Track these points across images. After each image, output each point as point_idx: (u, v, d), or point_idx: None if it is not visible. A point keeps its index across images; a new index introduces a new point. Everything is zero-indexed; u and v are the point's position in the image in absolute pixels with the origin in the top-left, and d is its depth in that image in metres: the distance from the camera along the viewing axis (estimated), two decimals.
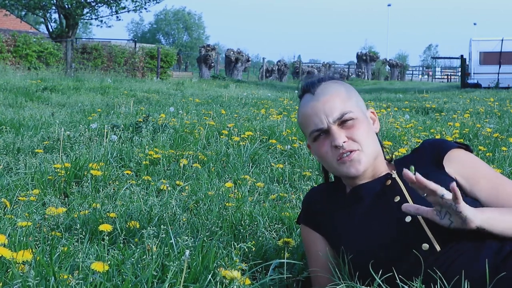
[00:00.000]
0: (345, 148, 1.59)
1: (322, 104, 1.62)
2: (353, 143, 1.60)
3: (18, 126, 5.29)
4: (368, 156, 1.61)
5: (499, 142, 4.77)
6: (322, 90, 1.65)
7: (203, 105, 9.04)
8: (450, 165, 1.60)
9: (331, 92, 1.64)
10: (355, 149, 1.60)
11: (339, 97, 1.63)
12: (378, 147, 1.66)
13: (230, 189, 2.90)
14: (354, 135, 1.60)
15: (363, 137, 1.61)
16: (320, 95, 1.64)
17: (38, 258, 1.56)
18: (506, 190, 1.56)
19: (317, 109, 1.62)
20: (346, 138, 1.60)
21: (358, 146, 1.60)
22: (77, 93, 10.83)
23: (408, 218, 1.51)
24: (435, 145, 1.66)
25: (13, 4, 21.80)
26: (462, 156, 1.63)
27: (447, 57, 53.06)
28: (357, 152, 1.60)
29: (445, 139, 1.71)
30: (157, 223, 2.25)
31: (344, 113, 1.60)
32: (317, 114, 1.62)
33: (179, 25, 72.77)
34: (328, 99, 1.62)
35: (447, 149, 1.63)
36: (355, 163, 1.60)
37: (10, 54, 17.77)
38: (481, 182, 1.58)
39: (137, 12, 23.76)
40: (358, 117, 1.62)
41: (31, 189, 2.85)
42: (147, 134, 4.65)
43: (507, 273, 1.35)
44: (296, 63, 38.29)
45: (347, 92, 1.66)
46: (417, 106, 9.68)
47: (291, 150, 4.28)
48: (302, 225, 1.79)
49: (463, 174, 1.59)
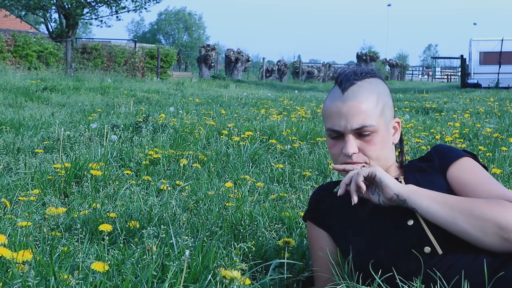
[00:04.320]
0: (353, 159, 1.60)
1: (347, 108, 1.58)
2: (363, 156, 1.60)
3: (18, 126, 5.29)
4: None
5: (499, 142, 4.77)
6: (353, 92, 1.60)
7: (203, 105, 9.04)
8: (452, 174, 1.61)
9: (360, 98, 1.59)
10: (362, 162, 1.60)
11: (366, 105, 1.58)
12: (389, 160, 1.66)
13: (230, 189, 2.90)
14: (366, 150, 1.60)
15: (375, 153, 1.60)
16: (348, 98, 1.59)
17: (38, 258, 1.56)
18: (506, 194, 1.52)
19: (341, 111, 1.59)
20: (357, 150, 1.59)
21: (366, 160, 1.60)
22: (77, 93, 10.83)
23: (410, 222, 1.51)
24: (441, 154, 1.66)
25: (13, 4, 21.80)
26: (465, 166, 1.62)
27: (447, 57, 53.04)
28: (362, 165, 1.61)
29: (451, 146, 1.70)
30: (157, 223, 2.25)
31: (364, 126, 1.58)
32: (338, 116, 1.59)
33: (179, 25, 72.79)
34: (354, 105, 1.58)
35: (453, 160, 1.63)
36: None
37: (10, 54, 17.77)
38: (477, 190, 1.56)
39: (137, 12, 23.76)
40: (377, 130, 1.60)
41: (31, 189, 2.85)
42: (147, 134, 4.65)
43: (506, 273, 1.35)
44: (296, 63, 38.27)
45: (378, 99, 1.61)
46: (417, 106, 9.68)
47: (291, 150, 4.28)
48: (308, 222, 1.80)
49: (463, 182, 1.59)
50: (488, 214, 1.40)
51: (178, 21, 73.08)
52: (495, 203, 1.43)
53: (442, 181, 1.59)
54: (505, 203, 1.43)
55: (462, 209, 1.43)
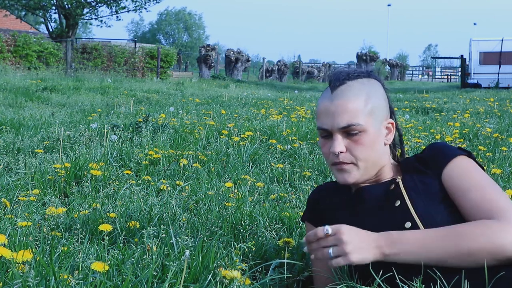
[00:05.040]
0: (340, 158, 1.59)
1: (334, 107, 1.59)
2: (350, 156, 1.59)
3: (18, 126, 5.29)
4: (361, 170, 1.60)
5: (499, 142, 4.77)
6: (341, 91, 1.60)
7: (203, 105, 9.04)
8: (445, 178, 1.57)
9: (348, 97, 1.58)
10: (349, 162, 1.59)
11: (353, 104, 1.58)
12: (381, 161, 1.63)
13: (230, 189, 2.90)
14: (353, 149, 1.59)
15: (363, 153, 1.58)
16: (337, 97, 1.59)
17: (38, 258, 1.56)
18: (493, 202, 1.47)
19: (328, 110, 1.60)
20: (345, 149, 1.58)
21: (352, 159, 1.59)
22: (77, 93, 10.83)
23: (408, 224, 1.51)
24: (435, 156, 1.61)
25: (13, 4, 21.80)
26: (458, 168, 1.57)
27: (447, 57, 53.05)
28: (350, 165, 1.60)
29: (446, 144, 1.65)
30: (157, 223, 2.25)
31: (351, 124, 1.57)
32: (326, 114, 1.60)
33: (179, 25, 72.81)
34: (341, 103, 1.58)
35: (446, 162, 1.58)
36: (344, 174, 1.60)
37: (10, 54, 17.77)
38: (466, 196, 1.52)
39: (137, 12, 23.76)
40: (366, 130, 1.58)
41: (31, 189, 2.85)
42: (147, 134, 4.65)
43: (506, 273, 1.36)
44: (296, 63, 38.27)
45: (367, 99, 1.60)
46: (417, 106, 9.68)
47: (291, 150, 4.28)
48: (307, 222, 1.80)
49: (454, 186, 1.55)
50: (477, 247, 1.37)
51: (178, 21, 73.10)
52: (479, 230, 1.39)
53: (437, 185, 1.57)
54: (489, 225, 1.40)
55: (449, 250, 1.40)
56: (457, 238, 1.40)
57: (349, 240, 1.42)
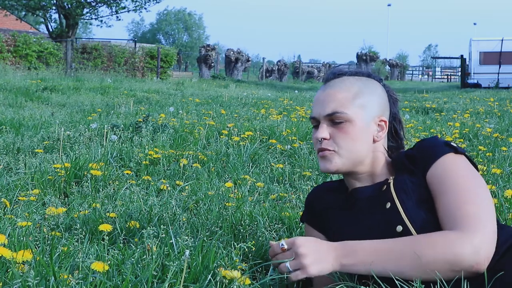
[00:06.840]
0: (322, 145, 1.60)
1: (324, 96, 1.63)
2: (332, 143, 1.60)
3: (18, 126, 5.29)
4: (343, 159, 1.59)
5: (499, 142, 4.77)
6: (334, 83, 1.64)
7: (203, 105, 9.04)
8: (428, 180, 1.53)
9: (339, 87, 1.61)
10: (330, 149, 1.59)
11: (343, 94, 1.60)
12: (366, 157, 1.61)
13: (230, 189, 2.90)
14: (336, 137, 1.59)
15: (345, 141, 1.58)
16: (328, 87, 1.64)
17: (38, 258, 1.56)
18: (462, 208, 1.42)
19: (318, 99, 1.64)
20: (329, 136, 1.60)
21: (335, 147, 1.59)
22: (77, 93, 10.83)
23: (399, 228, 1.49)
24: (422, 156, 1.56)
25: (13, 4, 21.80)
26: (440, 169, 1.51)
27: (447, 57, 53.06)
28: (331, 152, 1.59)
29: (434, 142, 1.59)
30: (157, 223, 2.25)
31: (336, 112, 1.58)
32: (316, 103, 1.64)
33: (179, 25, 72.83)
34: (331, 93, 1.61)
35: (431, 162, 1.53)
36: (325, 162, 1.60)
37: (10, 54, 17.78)
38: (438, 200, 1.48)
39: (137, 12, 23.77)
40: (352, 120, 1.58)
41: (31, 189, 2.85)
42: (147, 134, 4.65)
43: (506, 273, 1.35)
44: (296, 63, 38.27)
45: (359, 92, 1.61)
46: (417, 106, 9.68)
47: (291, 150, 4.28)
48: (305, 223, 1.80)
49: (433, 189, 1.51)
50: (433, 257, 1.34)
51: (178, 21, 73.13)
52: (437, 240, 1.37)
53: (425, 186, 1.54)
54: (447, 235, 1.37)
55: (404, 262, 1.37)
56: (414, 248, 1.37)
57: (306, 253, 1.40)
